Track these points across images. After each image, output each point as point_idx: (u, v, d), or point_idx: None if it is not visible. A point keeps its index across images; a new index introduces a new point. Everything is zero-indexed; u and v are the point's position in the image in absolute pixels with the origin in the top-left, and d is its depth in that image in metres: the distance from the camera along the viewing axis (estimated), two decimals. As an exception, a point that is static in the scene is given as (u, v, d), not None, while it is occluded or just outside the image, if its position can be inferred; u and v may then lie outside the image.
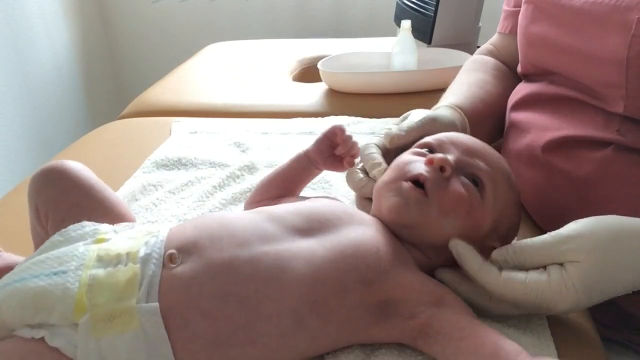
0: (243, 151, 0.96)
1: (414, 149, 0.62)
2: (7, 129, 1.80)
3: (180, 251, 0.51)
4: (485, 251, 0.56)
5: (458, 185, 0.56)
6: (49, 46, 2.03)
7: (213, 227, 0.53)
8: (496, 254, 0.55)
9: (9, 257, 0.63)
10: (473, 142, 0.61)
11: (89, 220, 0.58)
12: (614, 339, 0.71)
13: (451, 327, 0.49)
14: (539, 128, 0.74)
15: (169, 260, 0.50)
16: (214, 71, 1.50)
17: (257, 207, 0.62)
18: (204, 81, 1.42)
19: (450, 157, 0.58)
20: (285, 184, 0.68)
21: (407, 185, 0.56)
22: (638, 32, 0.62)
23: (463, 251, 0.55)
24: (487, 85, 0.87)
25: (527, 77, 0.83)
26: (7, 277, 0.52)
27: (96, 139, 1.11)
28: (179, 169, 0.89)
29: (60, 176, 0.61)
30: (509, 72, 0.92)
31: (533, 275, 0.52)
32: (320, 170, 0.68)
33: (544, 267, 0.52)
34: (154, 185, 0.84)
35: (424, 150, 0.61)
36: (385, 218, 0.58)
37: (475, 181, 0.57)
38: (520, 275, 0.52)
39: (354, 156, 0.65)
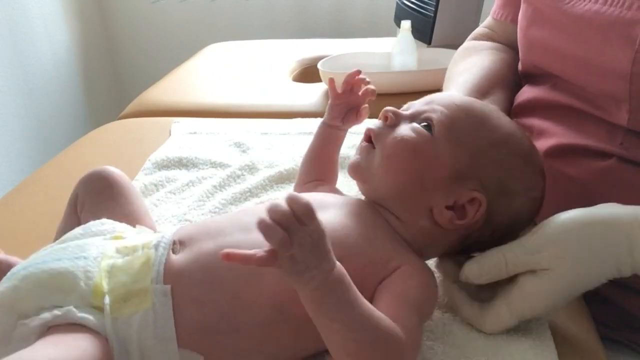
0: (243, 151, 0.96)
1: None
2: (7, 129, 1.80)
3: (179, 243, 0.54)
4: (469, 203, 0.54)
5: (403, 129, 0.57)
6: (49, 46, 2.03)
7: (207, 223, 0.58)
8: (467, 272, 0.55)
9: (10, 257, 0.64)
10: (438, 94, 0.61)
11: (117, 217, 0.61)
12: (614, 339, 0.71)
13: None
14: (542, 133, 0.73)
15: (171, 249, 0.53)
16: (214, 71, 1.50)
17: (306, 189, 0.67)
18: (204, 81, 1.42)
19: (404, 109, 0.59)
20: (321, 157, 0.71)
21: (361, 144, 0.59)
22: None
23: (451, 290, 0.57)
24: (479, 61, 0.83)
25: (529, 78, 0.81)
26: (27, 261, 0.54)
27: (96, 139, 1.11)
28: (179, 170, 0.89)
29: (109, 175, 0.66)
30: (509, 48, 0.88)
31: (507, 295, 0.53)
32: (345, 130, 0.71)
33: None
34: (155, 185, 0.84)
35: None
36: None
37: (429, 125, 0.57)
38: (496, 305, 0.54)
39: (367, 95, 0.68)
